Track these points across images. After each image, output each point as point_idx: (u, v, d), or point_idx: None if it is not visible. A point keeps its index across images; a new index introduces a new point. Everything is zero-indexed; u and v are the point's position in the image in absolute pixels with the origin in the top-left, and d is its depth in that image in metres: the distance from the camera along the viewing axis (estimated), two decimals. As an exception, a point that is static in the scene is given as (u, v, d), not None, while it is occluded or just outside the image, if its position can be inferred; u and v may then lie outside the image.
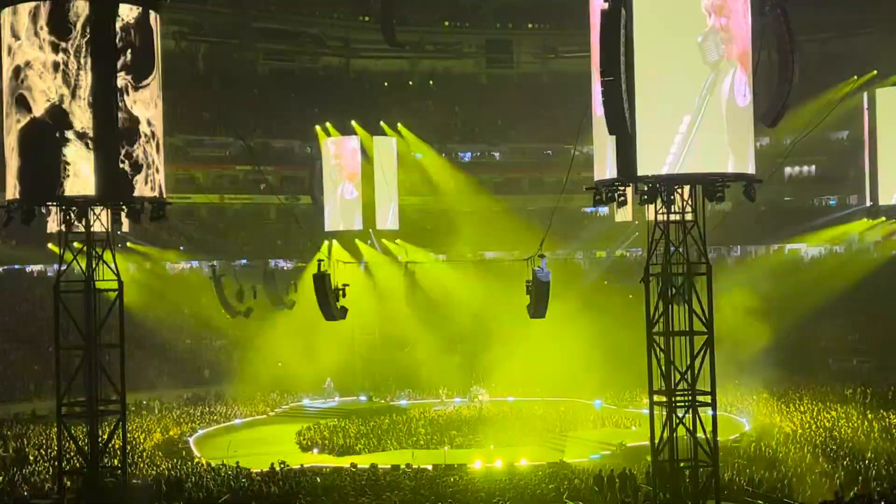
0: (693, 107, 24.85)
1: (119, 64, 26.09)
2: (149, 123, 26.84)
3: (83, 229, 27.02)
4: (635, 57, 24.69)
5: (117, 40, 26.05)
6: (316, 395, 55.29)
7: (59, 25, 25.81)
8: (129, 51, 26.31)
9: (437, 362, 55.91)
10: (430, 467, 37.28)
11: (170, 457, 39.69)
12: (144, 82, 26.71)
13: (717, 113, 25.00)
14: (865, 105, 53.80)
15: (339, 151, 62.62)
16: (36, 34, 25.90)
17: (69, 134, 25.80)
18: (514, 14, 76.27)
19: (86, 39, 25.77)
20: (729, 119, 25.13)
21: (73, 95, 25.75)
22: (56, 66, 25.77)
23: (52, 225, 31.82)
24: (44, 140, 25.89)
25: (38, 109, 25.98)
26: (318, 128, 62.95)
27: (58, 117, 25.83)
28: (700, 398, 25.92)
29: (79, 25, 25.76)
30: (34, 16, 25.94)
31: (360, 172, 61.36)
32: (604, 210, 62.28)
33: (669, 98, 25.08)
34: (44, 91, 25.86)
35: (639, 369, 27.89)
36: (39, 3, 25.83)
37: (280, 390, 55.14)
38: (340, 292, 43.20)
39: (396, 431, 45.84)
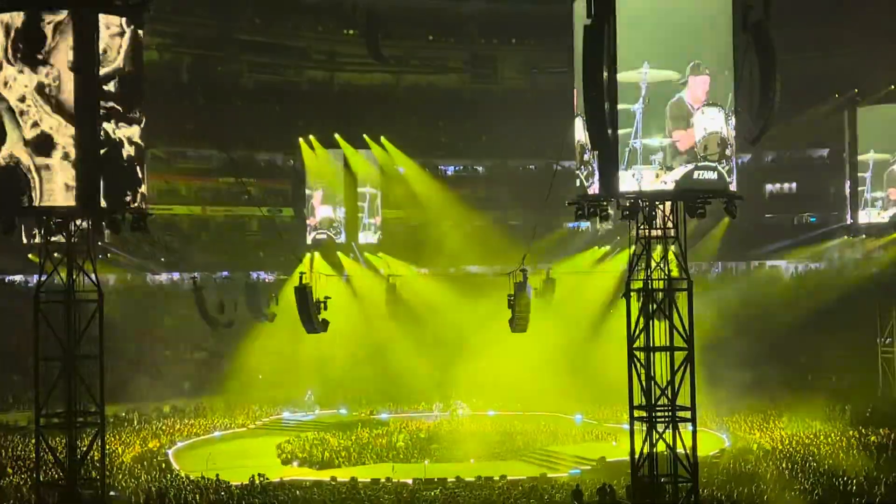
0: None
1: (104, 81, 25.93)
2: (132, 137, 26.71)
3: (63, 240, 26.85)
4: (618, 75, 24.86)
5: (102, 60, 25.88)
6: (296, 407, 55.09)
7: (37, 41, 25.59)
8: (116, 73, 26.18)
9: (417, 376, 55.84)
10: (410, 481, 37.22)
11: (149, 469, 39.44)
12: (131, 99, 26.61)
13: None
14: (846, 123, 54.24)
15: (321, 165, 62.67)
16: (13, 50, 25.67)
17: (51, 148, 25.66)
18: (499, 29, 76.49)
19: (67, 55, 25.56)
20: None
21: (55, 111, 25.55)
22: (37, 83, 25.56)
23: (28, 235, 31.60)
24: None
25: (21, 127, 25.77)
26: (301, 141, 62.91)
27: (41, 135, 25.65)
28: (680, 414, 25.98)
29: (59, 42, 25.53)
30: (8, 31, 25.71)
31: (343, 186, 61.43)
32: (586, 225, 62.42)
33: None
34: (25, 110, 25.64)
35: (619, 384, 27.91)
36: (13, 16, 25.56)
37: (260, 403, 54.92)
38: (322, 305, 43.18)
39: (376, 445, 45.74)
